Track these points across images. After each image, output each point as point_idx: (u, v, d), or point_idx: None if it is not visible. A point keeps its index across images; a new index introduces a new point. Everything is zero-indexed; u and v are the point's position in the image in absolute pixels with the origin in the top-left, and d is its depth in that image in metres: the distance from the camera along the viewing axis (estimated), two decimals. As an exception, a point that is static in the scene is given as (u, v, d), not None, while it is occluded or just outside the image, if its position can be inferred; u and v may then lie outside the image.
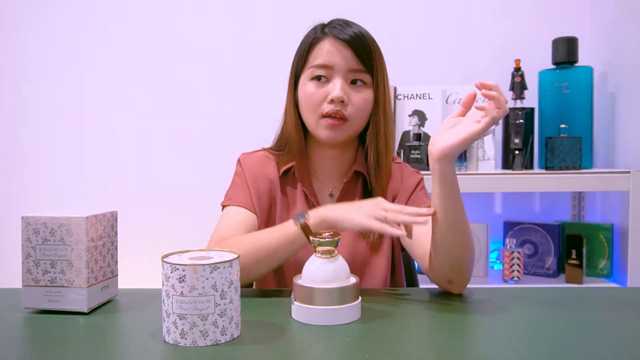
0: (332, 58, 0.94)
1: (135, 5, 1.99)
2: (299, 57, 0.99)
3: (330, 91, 0.93)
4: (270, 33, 1.97)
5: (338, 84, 0.93)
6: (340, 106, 0.93)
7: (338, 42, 0.94)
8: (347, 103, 0.94)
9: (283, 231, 0.86)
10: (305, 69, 0.97)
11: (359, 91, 0.95)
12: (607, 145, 1.80)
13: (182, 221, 1.97)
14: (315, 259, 0.75)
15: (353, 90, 0.95)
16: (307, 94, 0.96)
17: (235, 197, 1.02)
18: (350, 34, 0.94)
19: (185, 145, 2.00)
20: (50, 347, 0.63)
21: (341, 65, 0.94)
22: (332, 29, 0.95)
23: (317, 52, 0.95)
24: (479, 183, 1.58)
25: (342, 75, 0.94)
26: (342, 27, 0.95)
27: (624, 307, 0.80)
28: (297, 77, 1.00)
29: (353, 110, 0.95)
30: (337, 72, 0.94)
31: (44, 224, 0.75)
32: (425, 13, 1.94)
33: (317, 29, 0.98)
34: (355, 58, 0.94)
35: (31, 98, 2.03)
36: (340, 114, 0.93)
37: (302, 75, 0.98)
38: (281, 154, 1.04)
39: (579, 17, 1.88)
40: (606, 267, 1.71)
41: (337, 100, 0.93)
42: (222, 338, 0.63)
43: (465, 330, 0.71)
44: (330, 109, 0.93)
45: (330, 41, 0.94)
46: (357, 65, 0.94)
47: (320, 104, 0.95)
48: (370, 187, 1.01)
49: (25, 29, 2.01)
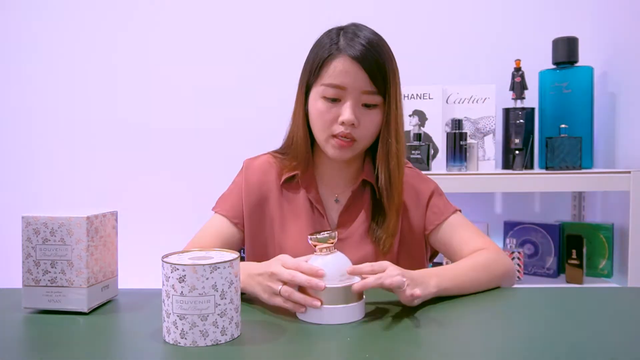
0: (345, 79, 0.92)
1: (139, 6, 1.99)
2: (312, 69, 0.96)
3: (342, 113, 0.92)
4: (274, 35, 1.97)
5: (349, 106, 0.92)
6: (350, 129, 0.93)
7: (352, 62, 0.91)
8: (358, 126, 0.93)
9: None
10: (317, 84, 0.95)
11: (369, 114, 0.94)
12: (607, 145, 1.80)
13: (182, 221, 1.97)
14: (316, 257, 0.75)
15: (363, 112, 0.94)
16: (318, 112, 0.94)
17: (224, 205, 1.03)
18: (364, 51, 0.91)
19: (186, 145, 2.00)
20: (50, 347, 0.63)
21: (354, 87, 0.92)
22: (347, 42, 0.92)
23: (331, 70, 0.93)
24: (479, 183, 1.58)
25: (353, 97, 0.92)
26: (355, 40, 0.92)
27: (624, 307, 0.80)
28: (308, 87, 0.98)
29: (362, 132, 0.94)
30: (349, 93, 0.92)
31: (44, 224, 0.75)
32: (425, 13, 1.94)
33: (332, 38, 0.95)
34: (368, 80, 0.92)
35: (31, 98, 2.03)
36: (349, 136, 0.93)
37: (314, 89, 0.96)
38: (286, 158, 1.03)
39: (579, 17, 1.88)
40: (606, 267, 1.71)
41: (347, 124, 0.92)
42: (222, 338, 0.63)
43: (465, 330, 0.71)
44: (341, 131, 0.93)
45: (345, 61, 0.92)
46: (370, 87, 0.92)
47: (331, 124, 0.94)
48: (378, 196, 1.00)
49: (26, 29, 2.01)
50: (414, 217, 1.02)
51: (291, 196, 1.02)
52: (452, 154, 1.65)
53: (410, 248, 1.02)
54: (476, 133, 1.75)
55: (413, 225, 1.02)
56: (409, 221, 1.02)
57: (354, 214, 1.01)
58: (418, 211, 1.03)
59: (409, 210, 1.02)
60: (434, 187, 1.05)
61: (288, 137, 1.05)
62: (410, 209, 1.02)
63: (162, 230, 1.97)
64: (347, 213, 1.01)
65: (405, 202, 1.02)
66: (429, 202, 1.03)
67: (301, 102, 0.99)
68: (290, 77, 1.06)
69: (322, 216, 1.00)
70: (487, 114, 1.74)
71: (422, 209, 1.03)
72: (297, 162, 1.01)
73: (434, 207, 1.03)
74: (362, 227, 1.00)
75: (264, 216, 1.03)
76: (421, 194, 1.03)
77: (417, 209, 1.03)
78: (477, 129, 1.75)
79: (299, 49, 1.03)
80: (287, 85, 1.06)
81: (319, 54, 0.95)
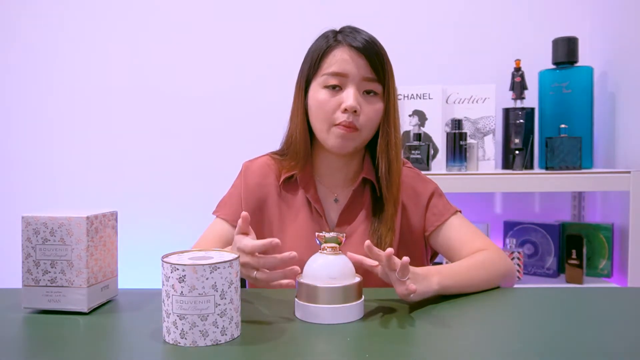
0: (347, 66, 0.93)
1: (140, 7, 1.99)
2: (311, 63, 0.97)
3: (344, 100, 0.93)
4: (275, 37, 1.97)
5: (352, 93, 0.93)
6: (352, 116, 0.93)
7: (352, 50, 0.93)
8: (360, 113, 0.94)
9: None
10: (318, 76, 0.96)
11: (371, 102, 0.95)
12: (607, 145, 1.80)
13: (182, 221, 1.97)
14: (319, 255, 0.75)
15: (365, 101, 0.95)
16: (320, 102, 0.95)
17: (225, 209, 1.04)
18: (364, 42, 0.93)
19: (186, 145, 2.00)
20: (50, 347, 0.63)
21: (355, 74, 0.93)
22: (345, 36, 0.95)
23: (331, 59, 0.94)
24: (479, 183, 1.58)
25: (355, 84, 0.93)
26: (354, 35, 0.95)
27: (624, 307, 0.80)
28: (307, 83, 0.99)
29: (365, 121, 0.95)
30: (350, 80, 0.93)
31: (44, 224, 0.75)
32: (425, 13, 1.94)
33: (329, 36, 0.97)
34: (369, 67, 0.93)
35: (32, 98, 2.03)
36: (352, 125, 0.93)
37: (314, 82, 0.97)
38: (285, 159, 1.03)
39: (579, 17, 1.88)
40: (606, 267, 1.71)
41: (350, 110, 0.92)
42: (222, 338, 0.63)
43: (465, 330, 0.71)
44: (344, 118, 0.93)
45: (345, 49, 0.94)
46: (371, 74, 0.94)
47: (334, 112, 0.94)
48: (379, 194, 1.00)
49: (27, 28, 2.01)
50: (414, 217, 1.02)
51: (290, 197, 1.02)
52: (452, 154, 1.65)
53: (410, 248, 1.02)
54: (476, 133, 1.75)
55: (413, 226, 1.02)
56: (408, 221, 1.02)
57: (353, 213, 1.01)
58: (418, 212, 1.02)
59: (408, 210, 1.02)
60: (434, 188, 1.05)
61: (287, 137, 1.04)
62: (409, 210, 1.02)
63: (162, 230, 1.97)
64: (347, 212, 1.01)
65: (405, 202, 1.02)
66: (428, 203, 1.03)
67: (300, 100, 1.00)
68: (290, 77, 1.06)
69: (321, 216, 1.00)
70: (487, 114, 1.74)
71: (421, 210, 1.02)
72: (296, 162, 1.01)
73: (433, 208, 1.02)
74: (362, 226, 1.00)
75: (263, 218, 1.03)
76: (421, 194, 1.03)
77: (417, 209, 1.02)
78: (477, 129, 1.75)
79: (299, 49, 1.03)
80: (287, 86, 1.06)
81: (318, 47, 0.97)
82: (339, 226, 1.00)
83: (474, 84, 1.77)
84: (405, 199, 1.02)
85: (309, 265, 0.75)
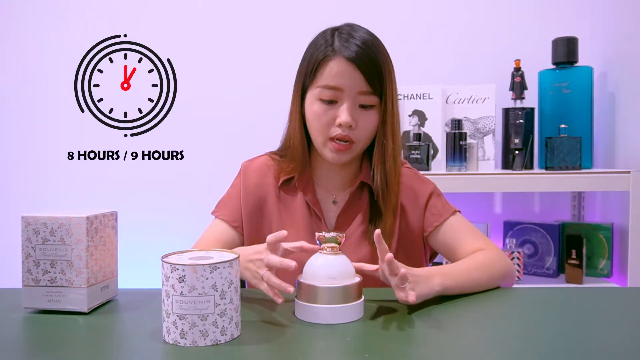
0: (341, 80, 0.91)
1: (140, 7, 1.99)
2: (307, 71, 0.96)
3: (339, 115, 0.92)
4: (275, 37, 1.97)
5: (346, 108, 0.92)
6: (347, 131, 0.93)
7: (348, 63, 0.91)
8: (355, 127, 0.93)
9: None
10: (313, 86, 0.95)
11: (367, 114, 0.94)
12: (607, 145, 1.80)
13: (182, 221, 1.97)
14: (319, 256, 0.75)
15: (361, 113, 0.94)
16: (315, 115, 0.94)
17: (224, 210, 1.04)
18: (359, 52, 0.91)
19: (186, 145, 2.00)
20: (50, 347, 0.63)
21: (350, 88, 0.92)
22: (342, 43, 0.92)
23: (326, 71, 0.92)
24: (479, 183, 1.58)
25: (351, 98, 0.92)
26: (350, 41, 0.92)
27: (624, 307, 0.80)
28: (304, 89, 0.98)
29: (360, 133, 0.94)
30: (346, 94, 0.92)
31: (44, 224, 0.75)
32: (425, 13, 1.94)
33: (327, 39, 0.94)
34: (364, 80, 0.91)
35: (31, 97, 2.02)
36: (347, 138, 0.93)
37: (310, 91, 0.96)
38: (284, 160, 1.03)
39: (579, 17, 1.88)
40: (606, 267, 1.71)
41: (345, 126, 0.92)
42: (222, 338, 0.63)
43: (465, 330, 0.71)
44: (338, 133, 0.93)
45: (340, 61, 0.91)
46: (366, 88, 0.92)
47: (329, 126, 0.94)
48: (376, 197, 1.00)
49: (27, 29, 2.01)
50: (412, 218, 1.02)
51: (289, 198, 1.02)
52: (451, 154, 1.65)
53: (409, 249, 1.02)
54: (476, 133, 1.75)
55: (411, 226, 1.02)
56: (407, 222, 1.02)
57: (351, 215, 1.01)
58: (416, 212, 1.02)
59: (407, 211, 1.02)
60: (433, 188, 1.05)
61: (285, 138, 1.04)
62: (408, 210, 1.02)
63: (162, 230, 1.97)
64: (345, 215, 1.01)
65: (404, 203, 1.02)
66: (427, 203, 1.02)
67: (297, 104, 0.99)
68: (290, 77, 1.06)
69: (320, 218, 1.00)
70: (486, 114, 1.74)
71: (420, 210, 1.02)
72: (295, 165, 1.01)
73: (432, 208, 1.02)
74: (359, 228, 1.00)
75: (262, 218, 1.03)
76: (419, 195, 1.03)
77: (416, 210, 1.02)
78: (476, 129, 1.75)
79: (299, 49, 1.03)
80: (287, 86, 1.06)
81: (314, 55, 0.95)
82: (337, 228, 1.00)
83: (474, 84, 1.77)
84: (403, 199, 1.02)
85: (308, 266, 0.75)
